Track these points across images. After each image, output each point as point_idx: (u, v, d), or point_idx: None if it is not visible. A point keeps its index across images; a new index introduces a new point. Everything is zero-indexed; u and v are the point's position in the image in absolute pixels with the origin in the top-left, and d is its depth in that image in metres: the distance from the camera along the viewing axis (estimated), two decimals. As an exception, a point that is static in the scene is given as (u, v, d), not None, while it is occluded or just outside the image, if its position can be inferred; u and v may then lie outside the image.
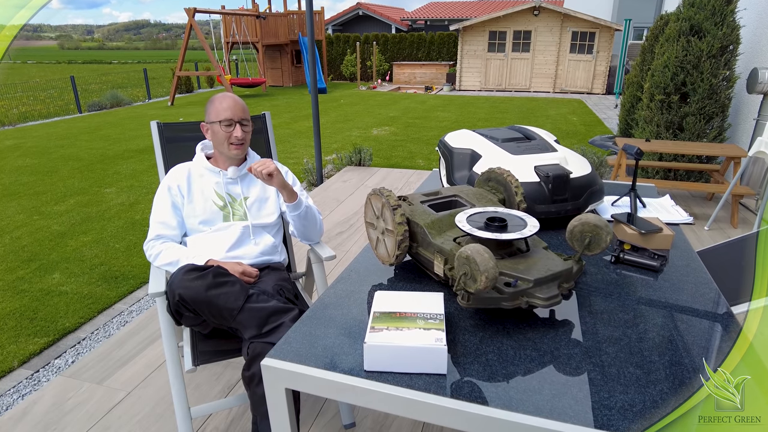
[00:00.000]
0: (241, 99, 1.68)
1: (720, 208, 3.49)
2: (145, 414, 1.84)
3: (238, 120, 1.62)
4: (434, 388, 0.84)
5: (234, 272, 1.49)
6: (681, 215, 1.65)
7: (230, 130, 1.62)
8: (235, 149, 1.64)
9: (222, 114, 1.61)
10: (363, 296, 1.14)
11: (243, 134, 1.63)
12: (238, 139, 1.62)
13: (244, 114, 1.64)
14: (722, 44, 4.09)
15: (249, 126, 1.67)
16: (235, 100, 1.63)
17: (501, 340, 0.96)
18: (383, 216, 1.17)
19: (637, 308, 1.08)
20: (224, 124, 1.61)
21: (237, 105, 1.62)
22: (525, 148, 1.59)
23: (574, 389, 0.84)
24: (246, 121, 1.65)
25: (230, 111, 1.60)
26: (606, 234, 1.02)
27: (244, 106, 1.65)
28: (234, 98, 1.64)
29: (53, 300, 2.80)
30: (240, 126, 1.62)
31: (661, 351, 0.93)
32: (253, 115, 2.06)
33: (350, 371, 0.88)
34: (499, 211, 1.13)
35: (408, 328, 0.90)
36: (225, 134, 1.62)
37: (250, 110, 1.70)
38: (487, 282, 0.86)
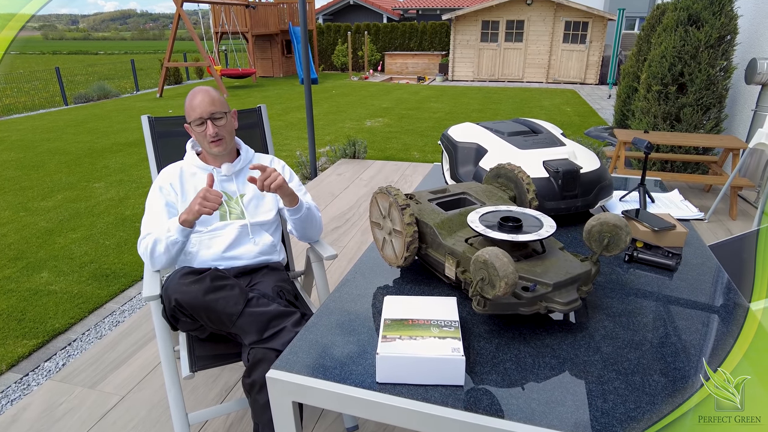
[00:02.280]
0: (213, 91, 1.57)
1: (719, 200, 3.48)
2: (140, 419, 1.78)
3: (209, 116, 1.52)
4: (451, 401, 0.79)
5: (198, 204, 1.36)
6: (691, 211, 1.61)
7: (203, 129, 1.53)
8: (214, 146, 1.56)
9: (191, 114, 1.53)
10: (370, 300, 1.08)
11: (216, 129, 1.53)
12: (211, 136, 1.53)
13: (215, 107, 1.53)
14: (720, 34, 4.05)
15: (224, 118, 1.56)
16: (203, 96, 1.53)
17: (518, 347, 0.91)
18: (391, 216, 1.12)
19: (656, 310, 1.04)
20: (195, 124, 1.53)
21: (205, 101, 1.52)
22: (532, 142, 1.53)
23: (598, 400, 0.79)
24: (219, 113, 1.54)
25: (199, 109, 1.51)
26: (626, 234, 0.98)
27: (214, 99, 1.54)
28: (203, 93, 1.54)
29: (42, 300, 2.72)
30: (211, 122, 1.52)
31: (686, 356, 0.89)
32: (247, 109, 1.98)
33: (361, 383, 0.83)
34: (513, 210, 1.07)
35: (422, 337, 0.85)
36: (200, 134, 1.54)
37: (240, 102, 1.63)
38: (506, 288, 0.81)
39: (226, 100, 1.59)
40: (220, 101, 1.57)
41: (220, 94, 1.60)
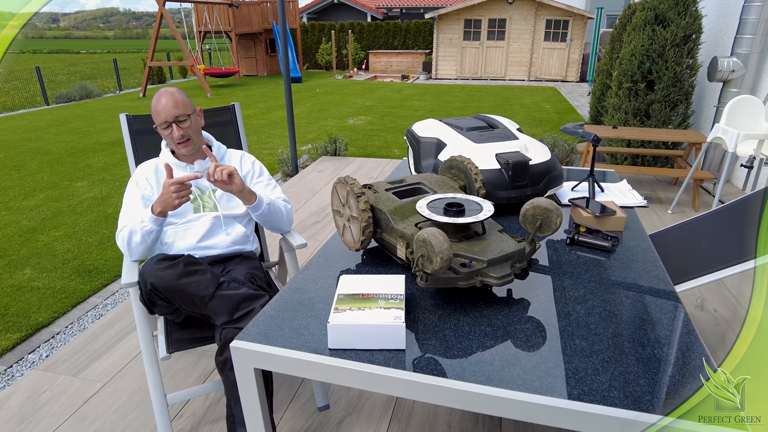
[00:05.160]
0: (177, 92, 1.61)
1: (682, 192, 3.64)
2: (122, 403, 1.86)
3: (173, 120, 1.57)
4: (394, 362, 0.90)
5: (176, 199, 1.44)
6: (636, 198, 1.73)
7: (169, 132, 1.59)
8: (182, 147, 1.62)
9: (157, 118, 1.59)
10: (330, 281, 1.18)
11: (181, 131, 1.59)
12: (177, 138, 1.59)
13: (178, 110, 1.58)
14: (685, 33, 4.21)
15: (188, 120, 1.60)
16: (167, 100, 1.57)
17: (458, 317, 1.02)
18: (348, 203, 1.22)
19: (587, 285, 1.15)
20: (162, 127, 1.60)
21: (168, 104, 1.57)
22: (488, 136, 1.65)
23: (522, 360, 0.90)
24: (182, 116, 1.58)
25: (163, 113, 1.57)
26: (556, 216, 1.09)
27: (177, 102, 1.58)
28: (167, 97, 1.58)
29: (25, 295, 2.78)
30: (176, 125, 1.58)
31: (606, 324, 1.00)
32: (222, 107, 2.07)
33: (315, 350, 0.93)
34: (457, 197, 1.18)
35: (369, 308, 0.95)
36: (168, 137, 1.61)
37: (223, 101, 1.71)
38: (442, 263, 0.92)
39: (190, 100, 1.64)
40: (184, 103, 1.60)
41: (186, 95, 1.65)
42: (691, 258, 1.81)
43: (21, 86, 13.79)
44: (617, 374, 0.86)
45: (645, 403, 0.80)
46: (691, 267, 1.74)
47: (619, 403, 0.80)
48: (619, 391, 0.82)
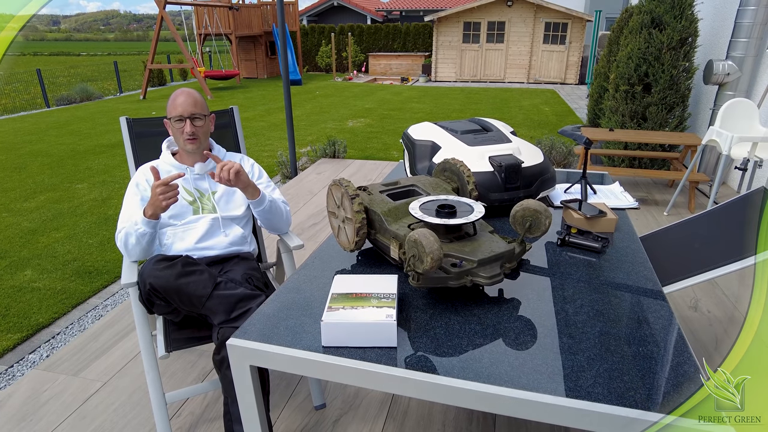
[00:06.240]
0: (196, 94, 1.71)
1: (678, 194, 3.67)
2: (121, 402, 1.89)
3: (189, 116, 1.66)
4: (386, 360, 0.92)
5: (163, 201, 1.47)
6: (628, 200, 1.76)
7: (181, 126, 1.67)
8: (189, 144, 1.69)
9: (172, 111, 1.66)
10: (325, 281, 1.21)
11: (193, 129, 1.66)
12: (188, 134, 1.66)
13: (195, 109, 1.67)
14: (681, 36, 4.25)
15: (202, 120, 1.70)
16: (186, 96, 1.67)
17: (449, 316, 1.05)
18: (343, 205, 1.25)
19: (576, 286, 1.18)
20: (175, 120, 1.66)
21: (188, 101, 1.66)
22: (481, 139, 1.67)
23: (511, 357, 0.93)
24: (198, 115, 1.67)
25: (180, 108, 1.65)
26: (545, 218, 1.12)
27: (196, 101, 1.68)
28: (187, 94, 1.68)
29: (26, 296, 2.80)
30: (190, 121, 1.66)
31: (593, 323, 1.03)
32: (221, 110, 2.10)
33: (309, 347, 0.96)
34: (449, 198, 1.21)
35: (362, 307, 0.98)
36: (178, 130, 1.67)
37: (223, 103, 1.75)
38: (432, 263, 0.95)
39: (208, 104, 1.72)
40: (202, 104, 1.71)
41: (204, 98, 1.73)
42: (682, 258, 1.84)
43: (22, 88, 13.83)
44: (602, 371, 0.88)
45: (629, 399, 0.82)
46: (683, 267, 1.77)
47: (603, 398, 0.82)
48: (603, 387, 0.85)
